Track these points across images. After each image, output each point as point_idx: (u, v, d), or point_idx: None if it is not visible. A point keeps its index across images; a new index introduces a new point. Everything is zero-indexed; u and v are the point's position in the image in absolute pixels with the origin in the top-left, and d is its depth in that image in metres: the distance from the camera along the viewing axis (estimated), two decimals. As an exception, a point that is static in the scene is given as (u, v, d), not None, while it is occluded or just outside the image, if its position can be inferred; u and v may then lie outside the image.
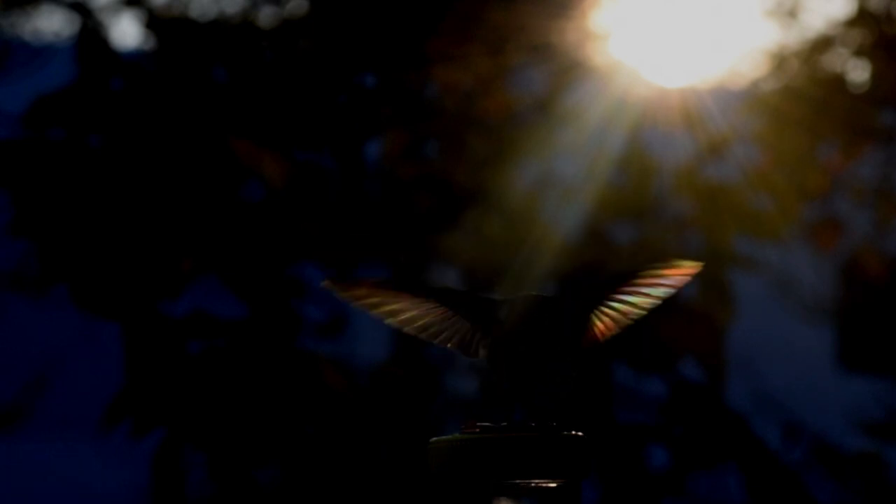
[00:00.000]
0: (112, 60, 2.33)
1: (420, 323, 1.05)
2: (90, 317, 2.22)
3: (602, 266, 2.59)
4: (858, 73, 3.01)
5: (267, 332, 2.26)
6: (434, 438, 1.00)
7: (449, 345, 1.05)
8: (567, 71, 2.75)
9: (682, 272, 1.06)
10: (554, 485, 0.99)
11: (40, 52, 2.93)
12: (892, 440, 3.09)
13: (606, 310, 1.05)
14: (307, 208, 2.42)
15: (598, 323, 1.05)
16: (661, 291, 1.06)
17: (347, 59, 2.53)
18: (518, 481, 0.99)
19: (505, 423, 1.01)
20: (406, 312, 1.05)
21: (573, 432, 1.00)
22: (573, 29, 2.70)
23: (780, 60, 3.03)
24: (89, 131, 2.27)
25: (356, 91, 2.56)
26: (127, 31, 3.05)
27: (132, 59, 2.43)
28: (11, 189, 2.22)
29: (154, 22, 2.55)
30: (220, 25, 2.72)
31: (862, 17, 2.91)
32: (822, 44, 2.98)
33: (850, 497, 2.69)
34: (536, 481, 0.99)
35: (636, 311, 1.06)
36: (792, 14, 3.03)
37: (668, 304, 1.08)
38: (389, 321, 1.05)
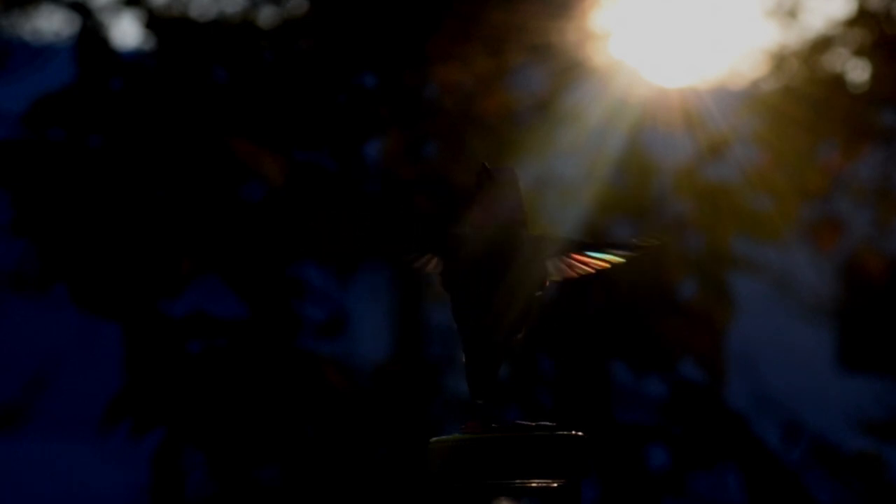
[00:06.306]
0: (112, 60, 2.33)
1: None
2: (90, 317, 2.22)
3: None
4: (858, 73, 3.01)
5: (267, 332, 2.26)
6: (434, 438, 1.00)
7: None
8: (567, 71, 2.75)
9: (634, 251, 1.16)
10: (554, 485, 0.99)
11: (40, 52, 2.93)
12: (892, 440, 3.09)
13: (563, 259, 1.13)
14: (307, 208, 2.42)
15: (552, 268, 1.12)
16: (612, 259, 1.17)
17: (347, 59, 2.53)
18: (518, 481, 0.99)
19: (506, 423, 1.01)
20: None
21: (573, 432, 1.00)
22: (573, 29, 2.70)
23: (780, 60, 3.03)
24: (89, 131, 2.27)
25: (356, 91, 2.56)
26: (127, 31, 3.05)
27: (132, 59, 2.43)
28: (11, 189, 2.22)
29: (154, 22, 2.55)
30: (220, 25, 2.72)
31: (862, 17, 2.91)
32: (822, 44, 2.98)
33: (850, 497, 2.69)
34: (536, 481, 0.99)
35: (585, 268, 1.15)
36: (792, 14, 3.03)
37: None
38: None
